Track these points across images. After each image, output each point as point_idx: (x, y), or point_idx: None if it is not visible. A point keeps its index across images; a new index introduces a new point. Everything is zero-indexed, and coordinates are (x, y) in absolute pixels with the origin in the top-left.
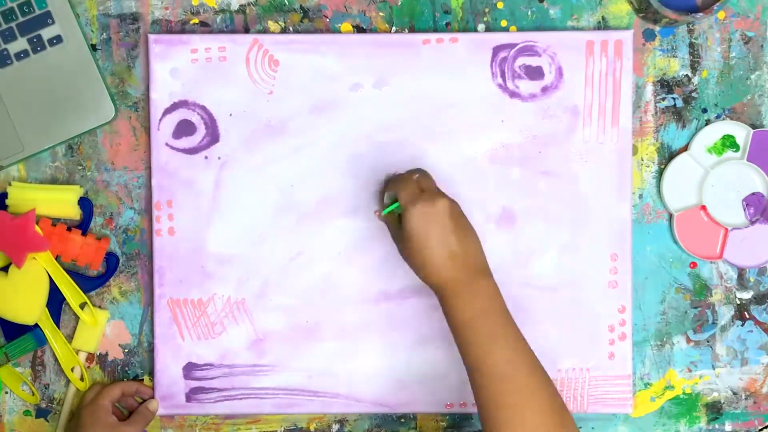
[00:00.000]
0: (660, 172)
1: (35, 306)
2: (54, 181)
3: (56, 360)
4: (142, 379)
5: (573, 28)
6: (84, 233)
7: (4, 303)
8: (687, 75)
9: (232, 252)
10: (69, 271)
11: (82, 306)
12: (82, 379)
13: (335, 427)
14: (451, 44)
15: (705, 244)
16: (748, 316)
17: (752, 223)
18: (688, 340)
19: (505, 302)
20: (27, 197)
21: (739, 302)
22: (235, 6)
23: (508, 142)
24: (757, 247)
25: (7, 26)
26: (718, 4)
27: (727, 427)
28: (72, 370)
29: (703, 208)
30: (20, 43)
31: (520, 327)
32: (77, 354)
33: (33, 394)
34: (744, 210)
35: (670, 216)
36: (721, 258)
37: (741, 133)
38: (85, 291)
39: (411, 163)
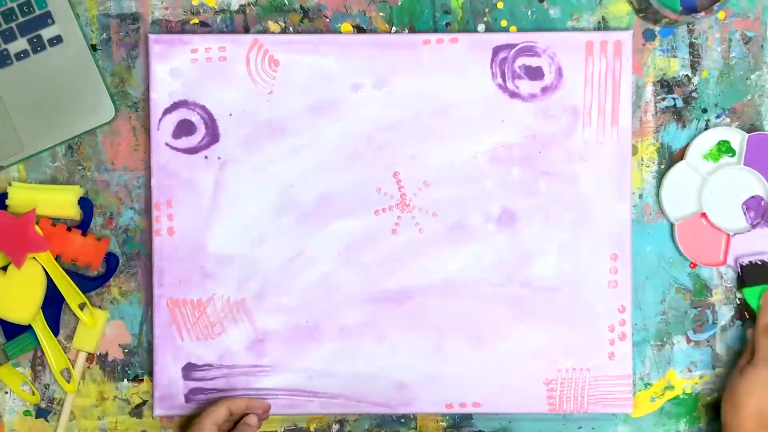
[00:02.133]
0: (660, 172)
1: (30, 306)
2: (54, 181)
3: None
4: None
5: (573, 29)
6: (84, 233)
7: (1, 302)
8: (687, 75)
9: (231, 252)
10: (69, 272)
11: (82, 306)
12: (70, 381)
13: (335, 427)
14: (451, 44)
15: (708, 251)
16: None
17: (753, 226)
18: (688, 341)
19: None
20: (27, 197)
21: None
22: (235, 6)
23: (508, 142)
24: (760, 250)
25: (7, 26)
26: (718, 4)
27: None
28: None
29: (704, 215)
30: (20, 43)
31: (520, 327)
32: (77, 354)
33: (33, 394)
34: (744, 214)
35: (671, 225)
36: (725, 264)
37: (736, 137)
38: (85, 291)
39: (411, 163)
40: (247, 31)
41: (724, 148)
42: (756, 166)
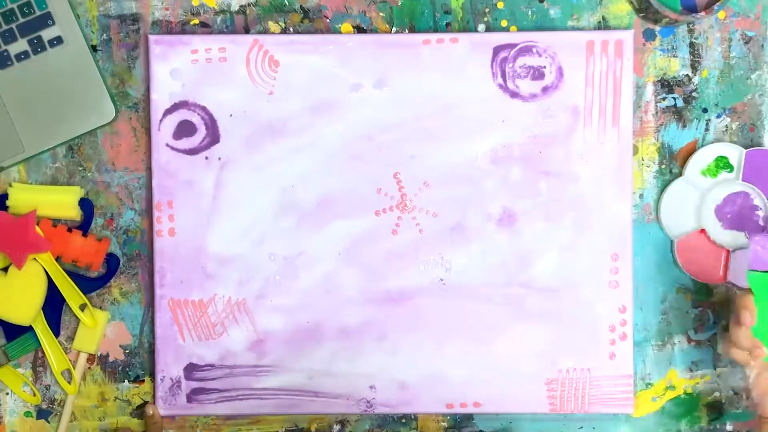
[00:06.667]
0: (660, 172)
1: (31, 307)
2: (54, 182)
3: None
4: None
5: (573, 28)
6: (84, 234)
7: (1, 303)
8: (687, 75)
9: (232, 252)
10: (69, 272)
11: (82, 307)
12: (71, 382)
13: (336, 427)
14: (452, 44)
15: (708, 267)
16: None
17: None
18: (689, 340)
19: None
20: (28, 198)
21: None
22: (235, 7)
23: (508, 142)
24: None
25: (7, 27)
26: (718, 3)
27: (728, 426)
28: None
29: (703, 231)
30: (20, 44)
31: (521, 327)
32: (78, 355)
33: (34, 395)
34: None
35: (671, 242)
36: (726, 280)
37: (734, 153)
38: (86, 292)
39: (411, 164)
40: (247, 31)
41: (722, 163)
42: (754, 181)
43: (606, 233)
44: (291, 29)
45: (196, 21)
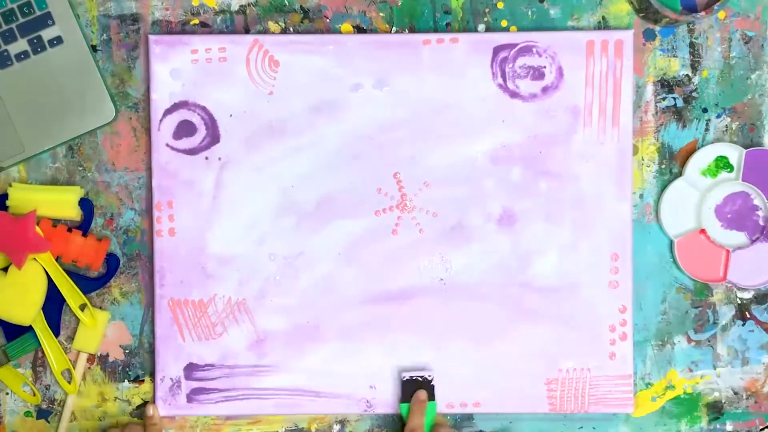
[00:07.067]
0: (660, 172)
1: (31, 307)
2: (54, 182)
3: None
4: (146, 402)
5: (573, 28)
6: (84, 234)
7: (1, 303)
8: (687, 75)
9: (232, 252)
10: (69, 272)
11: (83, 307)
12: (71, 382)
13: (336, 427)
14: (452, 44)
15: (708, 267)
16: (749, 316)
17: (752, 242)
18: (689, 340)
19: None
20: (27, 198)
21: (739, 302)
22: (235, 7)
23: (508, 142)
24: (760, 266)
25: (7, 27)
26: (718, 3)
27: (728, 426)
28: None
29: (703, 231)
30: (20, 44)
31: (521, 327)
32: (78, 355)
33: (34, 395)
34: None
35: (671, 242)
36: (725, 280)
37: (734, 153)
38: (86, 292)
39: (411, 164)
40: (247, 31)
41: (722, 164)
42: (754, 181)
43: (606, 233)
44: (291, 29)
45: (196, 21)
